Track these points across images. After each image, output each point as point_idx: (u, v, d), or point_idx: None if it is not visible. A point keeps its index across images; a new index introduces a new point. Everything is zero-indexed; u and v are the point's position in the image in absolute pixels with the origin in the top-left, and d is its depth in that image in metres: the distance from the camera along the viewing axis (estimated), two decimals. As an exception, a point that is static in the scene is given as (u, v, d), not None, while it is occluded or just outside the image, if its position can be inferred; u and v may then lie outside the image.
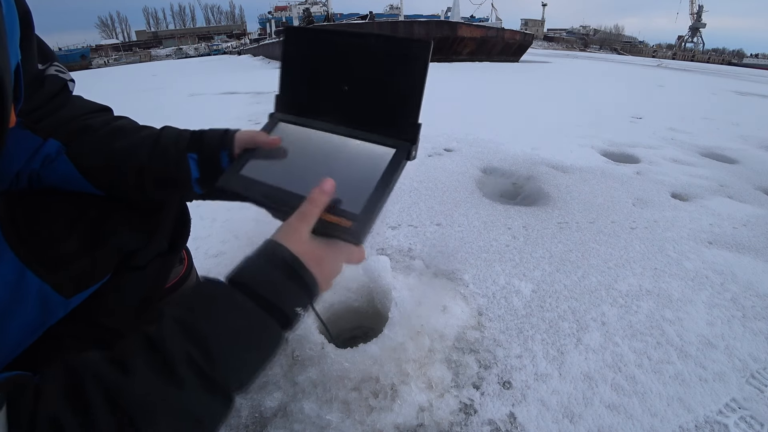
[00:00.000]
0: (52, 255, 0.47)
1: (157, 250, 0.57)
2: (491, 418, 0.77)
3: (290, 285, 0.39)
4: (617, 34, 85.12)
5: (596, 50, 62.09)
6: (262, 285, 0.38)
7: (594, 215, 1.64)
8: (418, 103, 0.48)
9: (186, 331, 0.34)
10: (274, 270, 0.39)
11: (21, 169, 0.50)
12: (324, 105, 0.54)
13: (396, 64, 0.48)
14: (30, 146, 0.50)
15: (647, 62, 19.69)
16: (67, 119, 0.53)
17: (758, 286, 1.20)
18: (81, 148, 0.52)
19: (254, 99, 4.75)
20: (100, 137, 0.54)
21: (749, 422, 0.77)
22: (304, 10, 18.68)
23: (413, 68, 0.47)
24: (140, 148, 0.54)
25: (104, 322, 0.54)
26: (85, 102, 0.57)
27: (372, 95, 0.51)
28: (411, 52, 0.47)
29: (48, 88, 0.49)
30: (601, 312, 1.07)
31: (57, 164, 0.52)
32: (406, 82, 0.48)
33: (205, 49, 54.32)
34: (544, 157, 2.37)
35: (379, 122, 0.50)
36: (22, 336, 0.46)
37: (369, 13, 13.66)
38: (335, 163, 0.50)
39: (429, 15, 27.57)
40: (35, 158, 0.51)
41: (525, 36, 13.81)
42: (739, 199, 1.89)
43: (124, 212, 0.53)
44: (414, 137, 0.49)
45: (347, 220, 0.44)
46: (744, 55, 69.09)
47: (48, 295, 0.46)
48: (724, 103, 5.29)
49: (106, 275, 0.52)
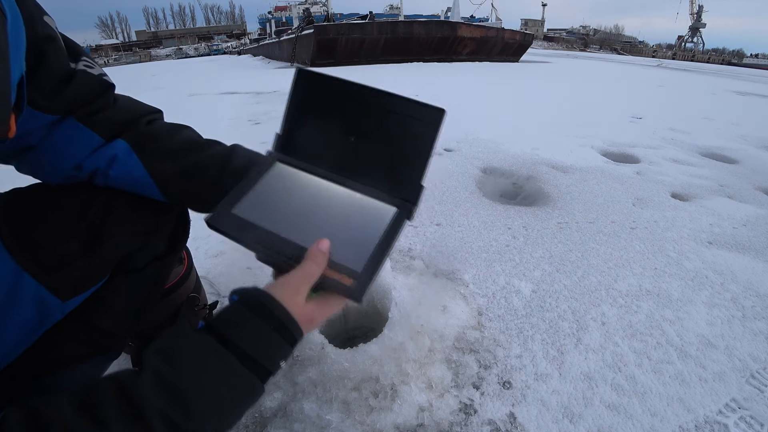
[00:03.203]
0: (49, 257, 0.46)
1: (156, 253, 0.57)
2: (491, 418, 0.77)
3: (282, 345, 0.38)
4: (617, 34, 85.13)
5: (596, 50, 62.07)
6: (255, 347, 0.37)
7: (594, 215, 1.64)
8: (423, 166, 0.48)
9: (165, 387, 0.32)
10: (270, 332, 0.38)
11: (81, 162, 0.51)
12: (327, 152, 0.53)
13: (407, 126, 0.49)
14: (86, 141, 0.51)
15: (647, 62, 19.68)
16: (126, 120, 0.54)
17: (758, 286, 1.20)
18: (154, 156, 0.53)
19: (254, 99, 4.75)
20: (174, 148, 0.55)
21: (749, 422, 0.77)
22: (304, 10, 18.64)
23: (424, 132, 0.48)
24: (211, 166, 0.55)
25: (100, 325, 0.54)
26: (136, 102, 0.57)
27: (379, 151, 0.51)
28: (424, 116, 0.48)
29: (80, 82, 0.49)
30: (601, 312, 1.07)
31: (128, 167, 0.52)
32: (415, 144, 0.48)
33: (205, 49, 54.34)
34: (544, 157, 2.37)
35: (383, 179, 0.50)
36: (18, 339, 0.46)
37: (369, 13, 13.63)
38: (334, 213, 0.50)
39: (429, 15, 27.55)
40: (99, 156, 0.51)
41: (525, 36, 13.80)
42: (739, 199, 1.89)
43: (123, 213, 0.53)
44: (416, 199, 0.49)
45: (348, 278, 0.44)
46: (744, 55, 69.09)
47: (45, 298, 0.46)
48: (724, 103, 5.29)
49: (103, 278, 0.52)
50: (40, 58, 0.44)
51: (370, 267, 0.44)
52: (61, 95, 0.47)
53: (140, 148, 0.53)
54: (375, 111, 0.50)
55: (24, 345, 0.47)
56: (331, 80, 0.53)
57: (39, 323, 0.47)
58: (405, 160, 0.50)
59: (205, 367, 0.34)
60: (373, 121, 0.51)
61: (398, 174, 0.50)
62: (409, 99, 0.49)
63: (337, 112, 0.53)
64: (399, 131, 0.50)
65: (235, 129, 3.14)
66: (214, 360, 0.35)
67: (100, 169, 0.52)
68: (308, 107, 0.55)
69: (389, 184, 0.50)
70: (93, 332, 0.54)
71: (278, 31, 25.45)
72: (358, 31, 10.80)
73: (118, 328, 0.57)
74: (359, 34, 10.75)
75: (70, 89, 0.48)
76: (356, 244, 0.46)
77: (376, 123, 0.51)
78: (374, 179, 0.51)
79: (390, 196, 0.50)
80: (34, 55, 0.43)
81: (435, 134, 0.47)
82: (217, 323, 0.37)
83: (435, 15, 23.91)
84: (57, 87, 0.47)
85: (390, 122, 0.50)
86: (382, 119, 0.50)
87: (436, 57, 11.69)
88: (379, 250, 0.46)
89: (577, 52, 42.66)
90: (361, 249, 0.46)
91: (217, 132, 3.24)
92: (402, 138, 0.50)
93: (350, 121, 0.52)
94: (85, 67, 0.50)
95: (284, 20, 38.02)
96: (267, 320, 0.37)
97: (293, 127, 0.56)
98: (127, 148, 0.52)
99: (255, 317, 0.37)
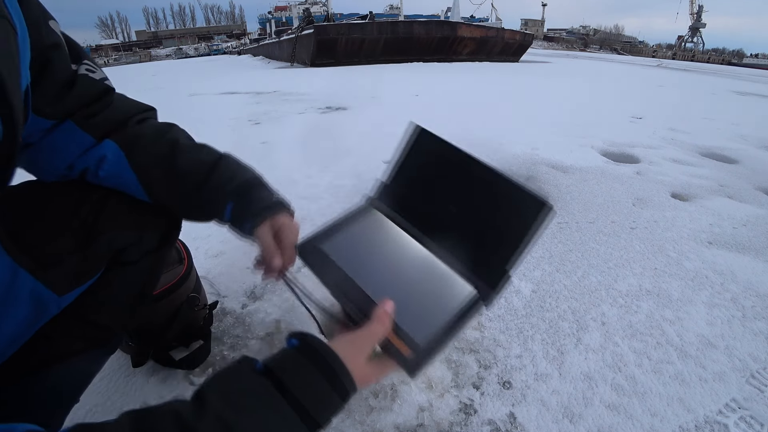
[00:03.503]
0: (45, 253, 0.47)
1: (149, 246, 0.57)
2: (491, 418, 0.77)
3: (337, 403, 0.38)
4: (617, 34, 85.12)
5: (596, 50, 62.07)
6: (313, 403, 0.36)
7: (594, 215, 1.64)
8: (512, 253, 0.46)
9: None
10: (330, 391, 0.37)
11: (73, 162, 0.52)
12: (424, 214, 0.54)
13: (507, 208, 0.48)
14: (80, 142, 0.51)
15: (647, 62, 19.69)
16: (118, 120, 0.54)
17: (758, 286, 1.20)
18: (141, 158, 0.53)
19: (254, 99, 4.75)
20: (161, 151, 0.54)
21: (749, 422, 0.77)
22: (304, 10, 18.63)
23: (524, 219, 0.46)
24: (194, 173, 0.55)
25: (95, 319, 0.54)
26: (129, 101, 0.58)
27: (472, 224, 0.50)
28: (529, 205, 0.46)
29: (82, 88, 0.49)
30: (601, 312, 1.07)
31: (116, 169, 0.53)
32: (510, 228, 0.47)
33: (205, 49, 54.31)
34: (544, 157, 2.37)
35: (469, 253, 0.49)
36: (14, 335, 0.46)
37: (369, 13, 13.62)
38: (413, 273, 0.49)
39: (429, 15, 27.52)
40: (89, 156, 0.52)
41: (525, 36, 13.80)
42: (739, 199, 1.89)
43: (116, 209, 0.53)
44: (497, 284, 0.47)
45: (407, 348, 0.43)
46: (744, 55, 69.10)
47: (41, 294, 0.46)
48: (724, 103, 5.29)
49: (98, 272, 0.52)
50: (45, 66, 0.45)
51: (433, 344, 0.43)
52: (63, 101, 0.48)
53: (129, 149, 0.53)
54: (479, 184, 0.50)
55: (20, 340, 0.47)
56: (444, 144, 0.54)
57: (35, 318, 0.47)
58: (496, 241, 0.48)
59: (268, 418, 0.34)
60: (474, 193, 0.51)
61: (486, 254, 0.49)
62: (514, 182, 0.48)
63: (442, 175, 0.53)
64: (497, 211, 0.49)
65: (235, 129, 3.14)
66: (274, 412, 0.34)
67: (90, 169, 0.52)
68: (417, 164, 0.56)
69: (474, 261, 0.49)
70: (88, 326, 0.54)
71: (278, 31, 25.44)
72: (358, 31, 10.80)
73: (114, 321, 0.57)
74: (359, 34, 10.75)
75: (71, 95, 0.48)
76: (425, 314, 0.45)
77: (477, 196, 0.50)
78: (461, 251, 0.50)
79: (471, 274, 0.48)
80: (40, 64, 0.44)
81: (533, 225, 0.45)
82: (279, 369, 0.36)
83: (435, 15, 23.91)
84: (59, 93, 0.47)
85: (490, 199, 0.49)
86: (483, 194, 0.50)
87: (436, 57, 11.69)
88: (446, 330, 0.44)
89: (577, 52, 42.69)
90: (429, 321, 0.44)
91: (217, 132, 3.24)
92: (498, 219, 0.48)
93: (453, 188, 0.52)
94: (87, 71, 0.51)
95: (284, 20, 38.00)
96: (329, 378, 0.37)
97: (399, 180, 0.57)
98: (115, 148, 0.53)
99: (317, 372, 0.37)
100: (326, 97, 4.69)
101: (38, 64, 0.43)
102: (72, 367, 0.54)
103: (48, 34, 0.45)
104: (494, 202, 0.49)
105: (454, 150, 0.53)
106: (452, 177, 0.53)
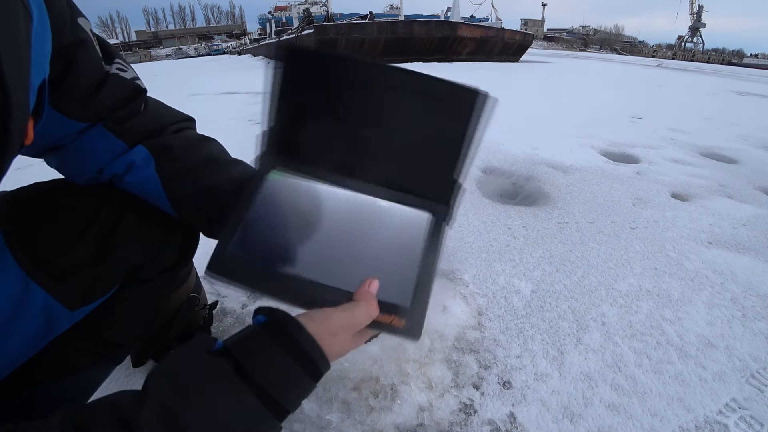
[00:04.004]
0: (58, 266, 0.46)
1: (166, 263, 0.56)
2: (491, 418, 0.77)
3: (307, 383, 0.34)
4: (617, 34, 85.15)
5: (596, 50, 62.09)
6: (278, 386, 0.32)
7: (594, 215, 1.64)
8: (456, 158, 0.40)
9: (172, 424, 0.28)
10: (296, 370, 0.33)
11: (104, 166, 0.50)
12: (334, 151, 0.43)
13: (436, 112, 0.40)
14: (110, 148, 0.49)
15: (647, 62, 19.69)
16: (153, 128, 0.52)
17: (758, 286, 1.20)
18: (172, 170, 0.51)
19: (254, 99, 4.75)
20: (193, 164, 0.52)
21: (749, 422, 0.77)
22: (304, 10, 18.64)
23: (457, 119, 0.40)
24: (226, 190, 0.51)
25: (108, 335, 0.53)
26: (166, 109, 0.55)
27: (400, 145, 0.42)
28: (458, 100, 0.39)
29: (111, 88, 0.47)
30: (601, 312, 1.07)
31: (144, 177, 0.50)
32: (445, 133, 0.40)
33: (205, 49, 54.36)
34: (544, 157, 2.37)
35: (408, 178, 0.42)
36: (23, 349, 0.46)
37: (369, 13, 13.64)
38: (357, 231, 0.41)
39: (429, 15, 27.57)
40: (119, 161, 0.50)
41: (525, 36, 13.81)
42: (739, 199, 1.89)
43: (134, 222, 0.52)
44: (450, 197, 0.41)
45: (398, 319, 0.38)
46: (744, 55, 69.13)
47: (53, 308, 0.45)
48: (723, 103, 5.29)
49: (113, 288, 0.51)
50: (69, 63, 0.42)
51: (419, 297, 0.38)
52: (93, 103, 0.46)
53: (159, 158, 0.51)
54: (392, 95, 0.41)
55: (29, 354, 0.46)
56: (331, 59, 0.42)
57: (46, 333, 0.46)
58: (434, 153, 0.41)
59: (221, 404, 0.30)
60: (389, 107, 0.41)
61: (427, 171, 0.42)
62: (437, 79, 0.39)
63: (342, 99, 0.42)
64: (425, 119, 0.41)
65: (235, 129, 3.14)
66: (230, 397, 0.30)
67: (117, 174, 0.51)
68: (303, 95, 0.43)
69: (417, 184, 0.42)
70: (99, 342, 0.53)
71: (278, 31, 25.46)
72: (358, 31, 10.81)
73: (125, 338, 0.57)
74: (359, 34, 10.76)
75: (102, 96, 0.46)
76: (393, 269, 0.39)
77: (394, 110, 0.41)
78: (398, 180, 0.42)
79: (420, 199, 0.42)
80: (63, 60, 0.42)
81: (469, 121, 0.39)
82: (237, 349, 0.33)
83: (435, 15, 23.93)
84: (89, 94, 0.45)
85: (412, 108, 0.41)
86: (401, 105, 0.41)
87: (436, 57, 11.69)
88: (423, 273, 0.39)
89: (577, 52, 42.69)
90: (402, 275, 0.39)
91: (217, 132, 3.22)
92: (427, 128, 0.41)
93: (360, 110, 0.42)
94: (118, 71, 0.49)
95: (284, 20, 38.05)
96: (295, 355, 0.33)
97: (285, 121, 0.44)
98: (146, 155, 0.50)
99: (282, 350, 0.33)
100: (326, 97, 4.68)
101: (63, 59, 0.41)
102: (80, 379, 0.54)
103: (74, 30, 0.42)
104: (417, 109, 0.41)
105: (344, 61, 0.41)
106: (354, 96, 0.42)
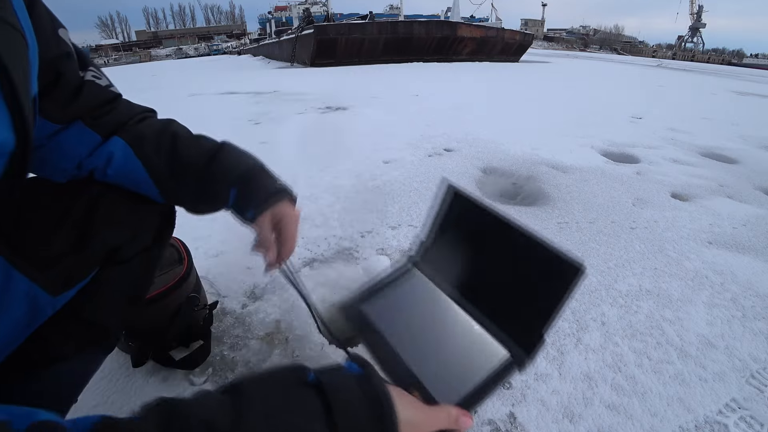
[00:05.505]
0: (39, 253, 0.47)
1: (143, 244, 0.57)
2: (491, 418, 0.77)
3: None
4: (617, 34, 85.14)
5: (596, 50, 62.10)
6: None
7: (594, 215, 1.64)
8: (548, 317, 0.46)
9: None
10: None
11: (82, 161, 0.52)
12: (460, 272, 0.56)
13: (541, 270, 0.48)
14: (87, 141, 0.52)
15: (647, 62, 19.69)
16: (122, 120, 0.55)
17: (758, 286, 1.20)
18: (150, 153, 0.54)
19: (254, 99, 4.75)
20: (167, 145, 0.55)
21: (749, 422, 0.77)
22: (304, 10, 18.60)
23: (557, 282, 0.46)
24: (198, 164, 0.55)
25: (91, 318, 0.54)
26: (133, 104, 0.59)
27: (508, 287, 0.51)
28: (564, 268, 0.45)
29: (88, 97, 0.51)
30: (601, 312, 1.07)
31: (127, 167, 0.53)
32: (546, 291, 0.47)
33: (205, 49, 54.38)
34: (544, 157, 2.37)
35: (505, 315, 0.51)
36: (10, 337, 0.46)
37: (369, 13, 13.63)
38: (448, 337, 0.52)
39: (429, 15, 27.54)
40: (97, 155, 0.53)
41: (525, 36, 13.80)
42: (739, 199, 1.89)
43: (109, 207, 0.53)
44: (532, 349, 0.47)
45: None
46: (744, 55, 69.14)
47: (37, 295, 0.46)
48: (724, 103, 5.29)
49: (92, 271, 0.52)
50: (57, 76, 0.46)
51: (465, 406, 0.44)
52: (72, 106, 0.49)
53: (135, 145, 0.54)
54: (514, 247, 0.51)
55: (16, 342, 0.47)
56: (479, 207, 0.55)
57: (31, 320, 0.47)
58: (532, 304, 0.48)
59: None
60: (509, 257, 0.51)
61: (521, 316, 0.49)
62: (547, 246, 0.47)
63: (478, 238, 0.55)
64: (532, 274, 0.49)
65: (235, 129, 3.14)
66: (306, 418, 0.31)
67: (98, 167, 0.53)
68: (453, 225, 0.58)
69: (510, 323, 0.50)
70: (85, 326, 0.54)
71: (278, 31, 25.42)
72: (358, 31, 10.79)
73: (110, 320, 0.57)
74: (359, 34, 10.75)
75: (80, 100, 0.50)
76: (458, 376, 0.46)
77: (512, 260, 0.51)
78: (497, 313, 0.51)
79: (507, 336, 0.50)
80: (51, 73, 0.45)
81: (567, 288, 0.45)
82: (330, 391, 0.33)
83: (435, 15, 23.91)
84: (68, 98, 0.49)
85: (525, 263, 0.50)
86: (518, 258, 0.50)
87: (436, 57, 11.69)
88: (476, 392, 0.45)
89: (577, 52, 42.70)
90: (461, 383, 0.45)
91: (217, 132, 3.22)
92: (533, 281, 0.49)
93: (489, 252, 0.54)
94: (93, 78, 0.52)
95: (284, 20, 37.99)
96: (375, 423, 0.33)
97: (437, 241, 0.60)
98: (123, 145, 0.53)
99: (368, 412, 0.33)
100: (326, 97, 4.69)
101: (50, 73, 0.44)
102: (69, 368, 0.54)
103: (58, 44, 0.46)
104: (529, 266, 0.49)
105: (488, 213, 0.54)
106: (488, 240, 0.54)
